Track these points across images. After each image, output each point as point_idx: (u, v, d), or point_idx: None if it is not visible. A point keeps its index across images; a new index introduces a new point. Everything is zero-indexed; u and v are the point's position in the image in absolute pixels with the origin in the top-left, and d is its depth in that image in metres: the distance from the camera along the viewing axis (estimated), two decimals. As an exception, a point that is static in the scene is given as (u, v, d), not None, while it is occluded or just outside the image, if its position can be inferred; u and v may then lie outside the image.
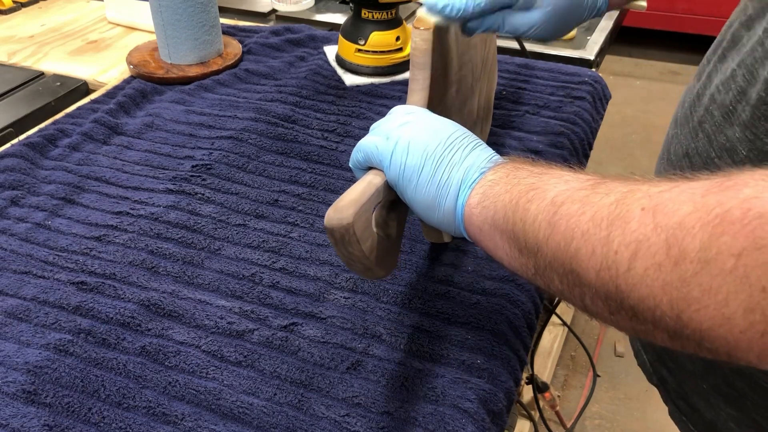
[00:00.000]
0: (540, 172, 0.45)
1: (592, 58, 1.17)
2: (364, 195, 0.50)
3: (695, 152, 0.55)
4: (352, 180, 0.83)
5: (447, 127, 0.52)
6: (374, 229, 0.51)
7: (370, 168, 0.55)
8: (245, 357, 0.61)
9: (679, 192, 0.34)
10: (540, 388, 1.33)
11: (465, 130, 0.53)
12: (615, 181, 0.39)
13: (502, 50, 1.14)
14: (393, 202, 0.54)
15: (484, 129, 0.82)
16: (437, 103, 0.61)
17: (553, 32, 0.65)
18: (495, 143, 0.89)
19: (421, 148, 0.51)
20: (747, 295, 0.30)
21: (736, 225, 0.30)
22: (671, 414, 0.65)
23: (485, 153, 0.51)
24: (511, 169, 0.47)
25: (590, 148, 0.97)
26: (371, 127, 0.58)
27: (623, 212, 0.35)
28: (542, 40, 0.67)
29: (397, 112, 0.57)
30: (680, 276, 0.32)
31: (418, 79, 0.58)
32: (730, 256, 0.30)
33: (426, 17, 0.58)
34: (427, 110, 0.56)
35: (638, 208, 0.35)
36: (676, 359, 0.61)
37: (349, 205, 0.48)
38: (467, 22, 0.63)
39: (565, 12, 0.64)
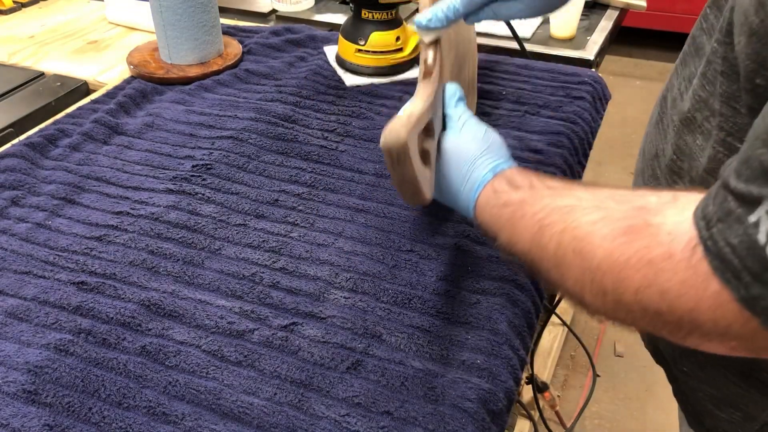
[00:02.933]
0: (509, 216, 0.54)
1: (591, 58, 1.17)
2: (411, 117, 0.56)
3: (662, 153, 0.58)
4: (352, 180, 0.83)
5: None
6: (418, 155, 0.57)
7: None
8: (245, 357, 0.61)
9: (596, 233, 0.45)
10: (540, 388, 1.33)
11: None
12: (556, 215, 0.49)
13: (502, 50, 1.15)
14: (427, 130, 0.61)
15: (470, 98, 0.85)
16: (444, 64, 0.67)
17: (544, 11, 0.68)
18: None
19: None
20: (649, 317, 0.43)
21: (632, 270, 0.42)
22: (675, 393, 0.68)
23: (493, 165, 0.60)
24: (494, 193, 0.57)
25: (590, 148, 0.97)
26: None
27: (561, 258, 0.47)
28: (536, 15, 0.72)
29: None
30: (611, 307, 0.45)
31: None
32: (631, 293, 0.42)
33: (423, 35, 0.63)
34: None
35: (570, 252, 0.46)
36: (671, 344, 0.63)
37: (401, 125, 0.54)
38: (465, 18, 0.66)
39: None
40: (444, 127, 0.64)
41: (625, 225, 0.43)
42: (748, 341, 0.40)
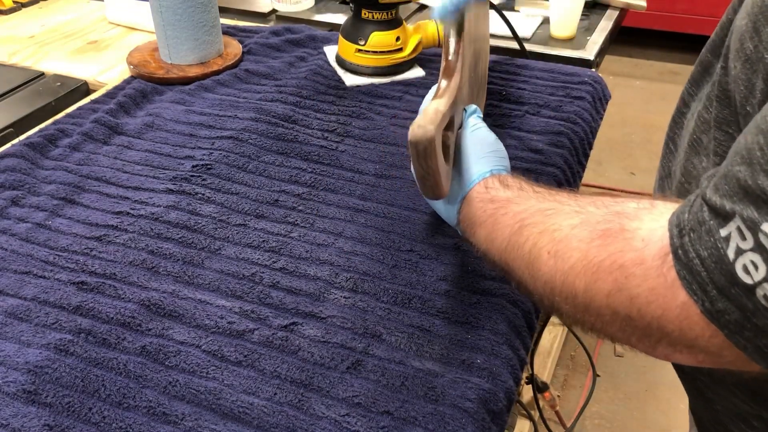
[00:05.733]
0: (493, 211, 0.55)
1: (591, 58, 1.17)
2: (436, 114, 0.58)
3: (673, 174, 0.58)
4: (352, 180, 0.83)
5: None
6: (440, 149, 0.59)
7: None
8: (245, 357, 0.61)
9: (573, 236, 0.46)
10: (540, 387, 1.33)
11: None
12: (538, 216, 0.50)
13: (502, 51, 1.15)
14: (448, 127, 0.62)
15: (481, 95, 0.86)
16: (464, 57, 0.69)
17: None
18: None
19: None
20: (619, 322, 0.43)
21: (605, 273, 0.42)
22: (691, 407, 0.68)
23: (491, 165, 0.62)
24: (485, 192, 0.59)
25: (590, 148, 0.97)
26: None
27: (536, 257, 0.48)
28: None
29: None
30: (581, 310, 0.45)
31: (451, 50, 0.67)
32: (602, 296, 0.43)
33: (444, 22, 0.64)
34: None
35: (546, 253, 0.47)
36: None
37: (427, 120, 0.56)
38: None
39: None
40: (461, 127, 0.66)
41: (602, 228, 0.44)
42: (715, 355, 0.40)
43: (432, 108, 0.58)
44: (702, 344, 0.40)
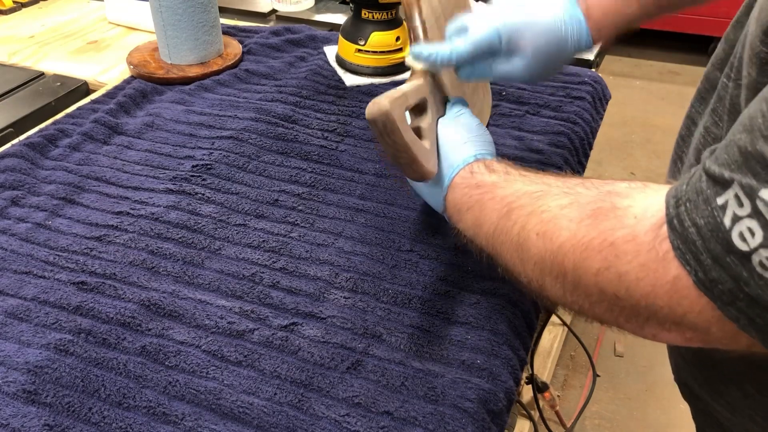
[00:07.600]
0: (479, 197, 0.55)
1: (591, 58, 1.17)
2: (397, 92, 0.57)
3: None
4: (352, 180, 0.83)
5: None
6: (408, 124, 0.57)
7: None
8: (245, 357, 0.61)
9: (563, 216, 0.45)
10: (540, 387, 1.32)
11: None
12: (526, 199, 0.49)
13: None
14: (420, 109, 0.62)
15: (479, 90, 0.82)
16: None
17: (540, 74, 0.64)
18: (495, 143, 0.89)
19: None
20: (606, 302, 0.43)
21: (594, 251, 0.42)
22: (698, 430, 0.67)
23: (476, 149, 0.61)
24: (471, 176, 0.58)
25: (590, 148, 0.97)
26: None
27: (525, 239, 0.48)
28: (531, 82, 0.72)
29: None
30: (570, 290, 0.45)
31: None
32: (591, 275, 0.43)
33: (413, 63, 0.62)
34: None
35: (534, 234, 0.47)
36: (701, 383, 0.62)
37: (383, 97, 0.55)
38: (458, 69, 0.64)
39: (547, 54, 0.63)
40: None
41: (593, 208, 0.44)
42: (703, 332, 0.40)
43: (393, 89, 0.57)
44: (691, 320, 0.40)
